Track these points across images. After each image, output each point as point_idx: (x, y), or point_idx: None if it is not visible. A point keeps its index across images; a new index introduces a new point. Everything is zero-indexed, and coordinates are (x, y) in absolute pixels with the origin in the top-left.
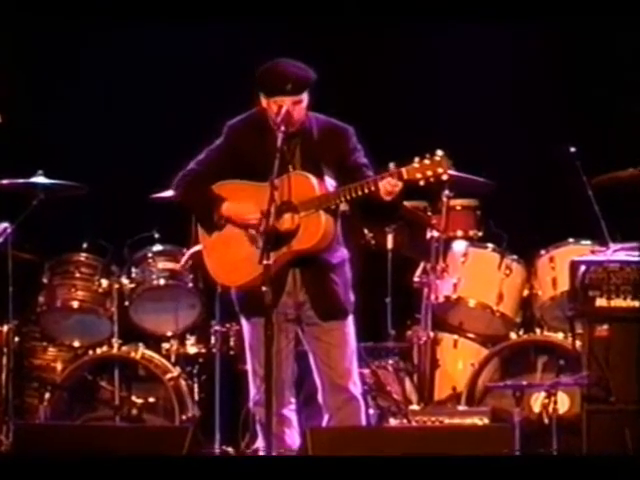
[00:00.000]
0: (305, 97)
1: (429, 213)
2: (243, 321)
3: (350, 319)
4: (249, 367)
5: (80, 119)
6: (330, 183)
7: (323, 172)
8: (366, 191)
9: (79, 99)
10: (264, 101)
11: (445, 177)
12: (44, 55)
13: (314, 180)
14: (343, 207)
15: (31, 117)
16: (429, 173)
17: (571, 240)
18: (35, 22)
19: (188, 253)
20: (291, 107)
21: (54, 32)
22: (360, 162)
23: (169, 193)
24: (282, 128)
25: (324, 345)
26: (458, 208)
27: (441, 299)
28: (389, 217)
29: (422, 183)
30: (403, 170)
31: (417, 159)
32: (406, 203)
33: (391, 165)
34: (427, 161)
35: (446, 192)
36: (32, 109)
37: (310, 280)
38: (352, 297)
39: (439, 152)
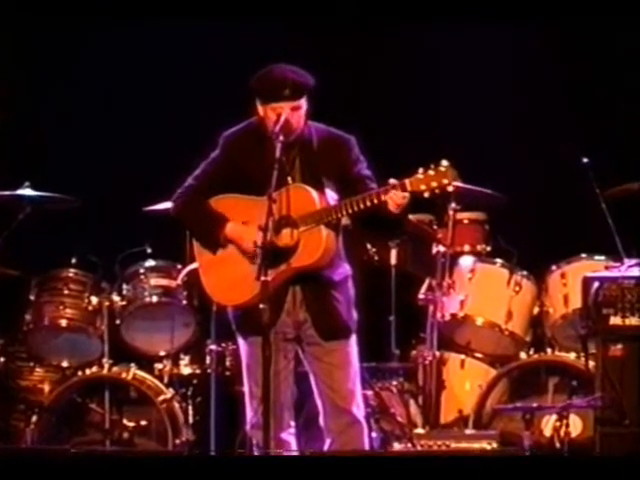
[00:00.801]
0: (304, 103)
1: (435, 227)
2: (240, 340)
3: (353, 339)
4: (246, 388)
5: (67, 127)
6: (331, 196)
7: (323, 184)
8: (369, 204)
9: (68, 105)
10: (261, 109)
11: (450, 188)
12: (36, 60)
13: (314, 193)
14: (345, 221)
15: (17, 123)
16: (434, 184)
17: (584, 255)
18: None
19: (185, 270)
20: (289, 114)
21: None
22: (363, 174)
23: (163, 205)
24: (280, 138)
25: (326, 366)
26: (465, 222)
27: (447, 317)
28: (393, 231)
29: (427, 195)
30: (407, 181)
31: (421, 170)
32: (411, 216)
33: (391, 181)
34: (431, 172)
35: (453, 205)
36: (17, 116)
37: (311, 298)
38: (355, 315)
39: (444, 162)
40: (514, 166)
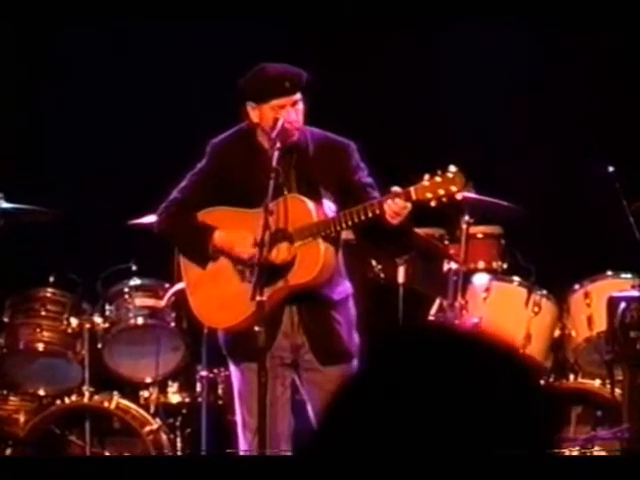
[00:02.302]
0: (302, 99)
1: (446, 242)
2: (232, 366)
3: (354, 364)
4: (238, 419)
5: (45, 134)
6: (329, 207)
7: (321, 194)
8: (370, 215)
9: (44, 111)
10: (256, 112)
11: (459, 196)
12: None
13: (310, 204)
14: (347, 235)
15: None
16: (441, 192)
17: (609, 273)
18: None
19: (172, 289)
20: (291, 110)
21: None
22: (364, 182)
23: (150, 218)
24: (277, 145)
25: (324, 394)
26: (479, 236)
27: None
28: (398, 245)
29: (434, 204)
30: (412, 189)
31: (427, 176)
32: (420, 231)
33: (394, 189)
34: (438, 178)
35: (465, 218)
36: None
37: (308, 319)
38: (357, 338)
39: (452, 167)
40: (532, 175)
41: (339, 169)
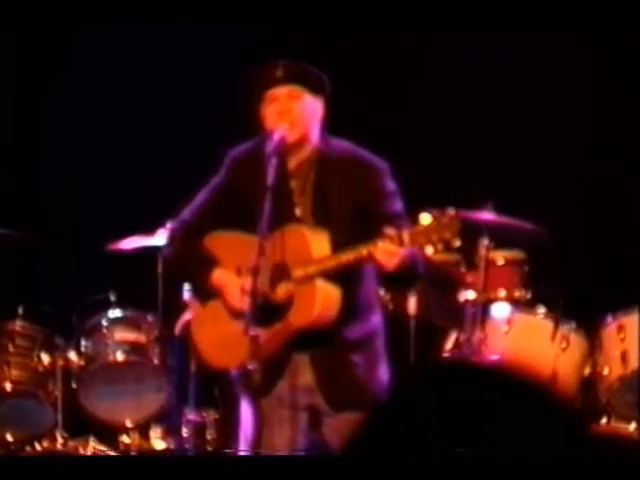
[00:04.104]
0: (308, 97)
1: (463, 269)
2: (243, 402)
3: None
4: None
5: (19, 151)
6: (344, 239)
7: (335, 222)
8: (361, 257)
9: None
10: (263, 116)
11: (457, 244)
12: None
13: (311, 237)
14: None
15: None
16: (434, 238)
17: None
18: None
19: (183, 319)
20: (286, 102)
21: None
22: (392, 210)
23: (131, 242)
24: (273, 161)
25: (339, 439)
26: (500, 262)
27: None
28: (404, 286)
29: (431, 251)
30: (404, 233)
31: (423, 218)
32: (433, 256)
33: (387, 231)
34: (433, 222)
35: (484, 241)
36: None
37: (319, 362)
38: (384, 376)
39: (449, 210)
40: (560, 193)
41: (364, 194)
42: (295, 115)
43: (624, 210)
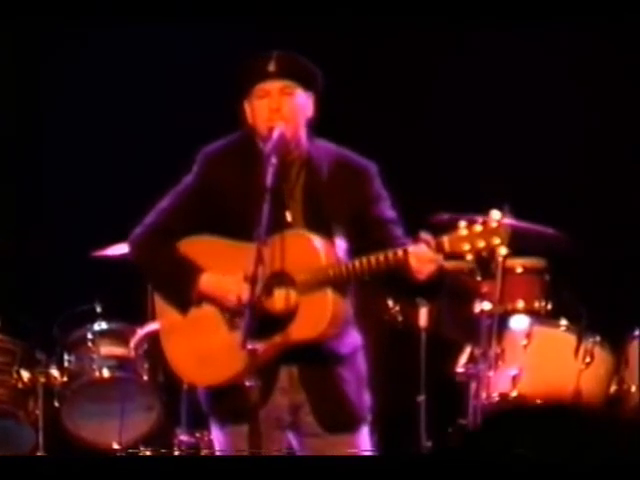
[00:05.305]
0: (300, 93)
1: (478, 278)
2: (214, 428)
3: (364, 432)
4: None
5: None
6: (340, 245)
7: (332, 227)
8: (392, 265)
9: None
10: (249, 110)
11: (504, 251)
12: None
13: (319, 243)
14: None
15: None
16: (481, 244)
17: None
18: None
19: (141, 332)
20: (278, 98)
21: None
22: (385, 216)
23: (117, 249)
24: (273, 160)
25: None
26: (518, 270)
27: (495, 398)
28: (427, 299)
29: (470, 257)
30: (445, 239)
31: (464, 224)
32: (446, 264)
33: (423, 235)
34: (478, 227)
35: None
36: None
37: (310, 376)
38: (368, 399)
39: (495, 214)
40: (583, 196)
41: (357, 197)
42: (287, 113)
43: None
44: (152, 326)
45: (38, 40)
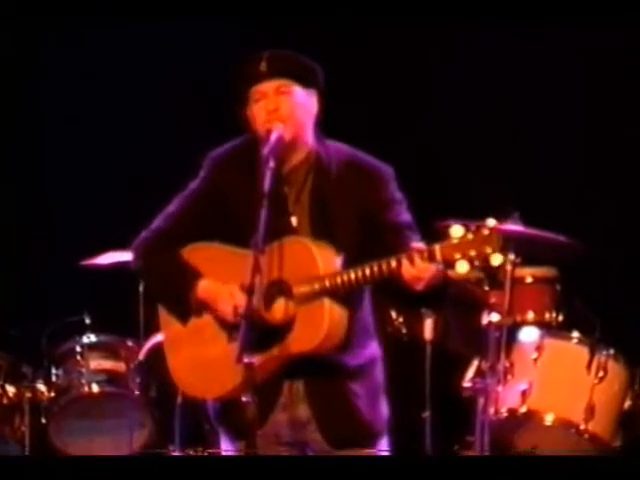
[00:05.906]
0: (300, 92)
1: (486, 287)
2: (224, 443)
3: (382, 443)
4: None
5: None
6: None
7: (338, 233)
8: (383, 275)
9: None
10: (250, 114)
11: (497, 261)
12: None
13: (317, 251)
14: None
15: None
16: (472, 253)
17: None
18: None
19: (150, 342)
20: (274, 99)
21: None
22: (399, 220)
23: (108, 258)
24: (271, 164)
25: None
26: (528, 280)
27: (504, 413)
28: (430, 309)
29: (464, 268)
30: (436, 247)
31: (456, 230)
32: (452, 273)
33: (414, 245)
34: (470, 235)
35: (510, 257)
36: None
37: (315, 391)
38: (385, 410)
39: (489, 222)
40: (596, 202)
41: (368, 202)
42: (285, 113)
43: None
44: (158, 338)
45: (38, 40)
